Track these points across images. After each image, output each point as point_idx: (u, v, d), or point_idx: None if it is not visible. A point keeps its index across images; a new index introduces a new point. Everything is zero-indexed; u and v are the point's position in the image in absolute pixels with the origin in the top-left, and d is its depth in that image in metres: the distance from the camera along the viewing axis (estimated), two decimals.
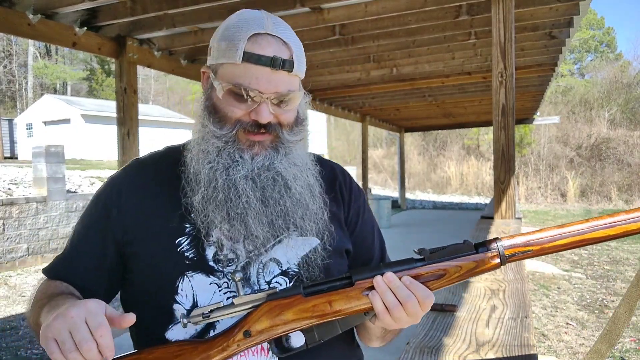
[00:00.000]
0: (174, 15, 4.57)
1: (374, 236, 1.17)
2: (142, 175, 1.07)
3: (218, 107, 0.97)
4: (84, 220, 1.08)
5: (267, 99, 0.94)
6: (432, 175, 26.67)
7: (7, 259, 8.38)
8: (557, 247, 0.90)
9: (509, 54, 3.54)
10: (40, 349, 4.92)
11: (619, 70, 31.43)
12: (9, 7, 4.02)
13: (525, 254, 0.90)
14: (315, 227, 1.01)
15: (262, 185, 0.96)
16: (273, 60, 0.92)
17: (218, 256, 0.97)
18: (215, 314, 0.87)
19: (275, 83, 0.94)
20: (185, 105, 40.61)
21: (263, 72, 0.92)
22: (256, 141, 0.97)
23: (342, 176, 1.17)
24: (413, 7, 4.43)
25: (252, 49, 0.92)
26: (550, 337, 4.92)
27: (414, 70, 7.42)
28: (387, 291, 0.88)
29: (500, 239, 0.91)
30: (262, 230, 0.95)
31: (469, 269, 0.91)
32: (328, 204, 1.05)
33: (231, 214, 0.94)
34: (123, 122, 5.12)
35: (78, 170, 14.39)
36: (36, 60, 34.30)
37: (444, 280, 0.91)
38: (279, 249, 0.99)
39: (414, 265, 0.91)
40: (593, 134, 24.92)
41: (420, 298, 0.88)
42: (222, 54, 0.96)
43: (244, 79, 0.93)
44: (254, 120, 0.95)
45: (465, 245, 0.92)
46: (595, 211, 17.18)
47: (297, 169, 1.01)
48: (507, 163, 3.57)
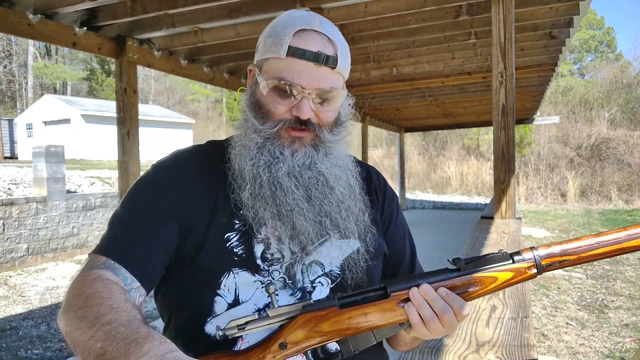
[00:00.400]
0: (174, 15, 4.57)
1: (405, 239, 1.17)
2: (192, 166, 1.05)
3: (261, 102, 0.98)
4: (138, 204, 1.00)
5: (309, 95, 0.94)
6: (432, 175, 26.66)
7: (7, 259, 8.38)
8: (594, 256, 0.89)
9: (509, 54, 3.54)
10: (41, 349, 4.92)
11: (619, 70, 31.43)
12: (9, 7, 4.02)
13: (562, 263, 0.89)
14: (357, 229, 1.01)
15: (305, 184, 0.96)
16: (317, 55, 0.92)
17: (265, 254, 0.97)
18: (250, 325, 0.87)
19: (318, 79, 0.94)
20: (185, 105, 40.63)
21: (306, 66, 0.93)
22: (297, 137, 0.97)
23: (377, 178, 1.19)
24: (413, 7, 4.43)
25: (297, 43, 0.93)
26: (550, 337, 4.92)
27: (414, 70, 7.42)
28: (423, 304, 0.87)
29: (536, 248, 0.90)
30: (311, 228, 0.95)
31: (506, 279, 0.89)
32: (369, 206, 1.05)
33: (281, 211, 0.95)
34: (123, 122, 5.12)
35: (78, 170, 14.39)
36: (36, 60, 34.30)
37: (480, 291, 0.90)
38: (322, 251, 0.99)
39: (449, 275, 0.90)
40: (593, 134, 24.91)
41: (457, 310, 0.87)
42: (267, 49, 0.97)
43: (287, 73, 0.93)
44: (295, 116, 0.95)
45: (502, 255, 0.90)
46: (595, 211, 17.18)
47: (338, 170, 1.01)
48: (507, 163, 3.57)
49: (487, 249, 2.49)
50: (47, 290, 7.28)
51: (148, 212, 0.98)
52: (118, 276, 0.90)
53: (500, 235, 3.01)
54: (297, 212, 0.94)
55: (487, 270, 0.90)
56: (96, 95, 35.46)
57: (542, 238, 11.03)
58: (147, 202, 1.00)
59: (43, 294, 7.05)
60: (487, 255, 0.91)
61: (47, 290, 7.24)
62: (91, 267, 0.91)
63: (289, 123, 0.96)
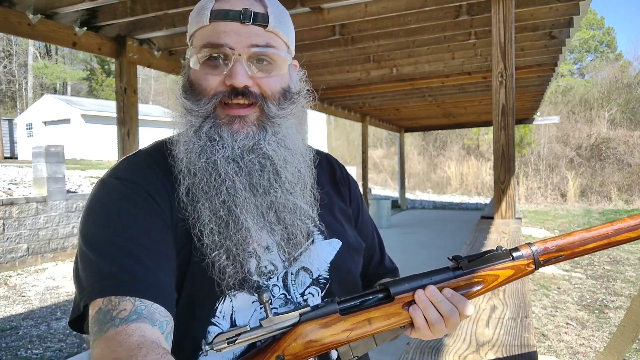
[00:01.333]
0: (174, 15, 4.57)
1: (372, 227, 1.13)
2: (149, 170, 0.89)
3: (193, 81, 0.87)
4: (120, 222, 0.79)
5: (240, 57, 0.83)
6: (432, 175, 26.66)
7: (7, 259, 8.38)
8: (586, 250, 0.91)
9: (509, 54, 3.54)
10: (41, 348, 4.92)
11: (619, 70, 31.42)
12: (9, 7, 4.02)
13: (557, 258, 0.90)
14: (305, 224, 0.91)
15: (248, 169, 0.83)
16: (242, 13, 0.82)
17: (260, 268, 0.86)
18: (241, 338, 0.77)
19: (248, 35, 0.83)
20: None
21: (232, 25, 0.83)
22: (236, 116, 0.84)
23: (340, 169, 1.10)
24: (413, 7, 4.43)
25: (219, 6, 0.84)
26: (550, 337, 4.92)
27: (414, 70, 7.42)
28: (429, 306, 0.84)
29: (533, 244, 0.90)
30: (252, 222, 0.83)
31: (507, 276, 0.90)
32: (334, 200, 1.00)
33: (215, 202, 0.81)
34: (123, 122, 5.12)
35: (78, 170, 14.39)
36: (36, 60, 34.30)
37: (482, 289, 0.89)
38: (307, 257, 0.91)
39: (453, 274, 0.88)
40: (593, 134, 24.91)
41: (462, 310, 0.85)
42: (192, 23, 0.89)
43: (212, 37, 0.83)
44: (230, 85, 0.83)
45: (501, 252, 0.90)
46: (595, 211, 17.18)
47: (286, 152, 0.88)
48: (507, 163, 3.57)
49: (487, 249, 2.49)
50: (47, 290, 7.28)
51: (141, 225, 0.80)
52: (155, 325, 0.73)
53: (500, 235, 3.01)
54: (236, 202, 0.82)
55: (488, 268, 0.89)
56: (96, 95, 35.46)
57: (542, 238, 11.02)
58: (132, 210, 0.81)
59: (43, 294, 7.05)
60: (487, 253, 0.91)
61: (47, 290, 7.25)
62: (119, 319, 0.71)
63: (222, 95, 0.83)
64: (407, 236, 10.68)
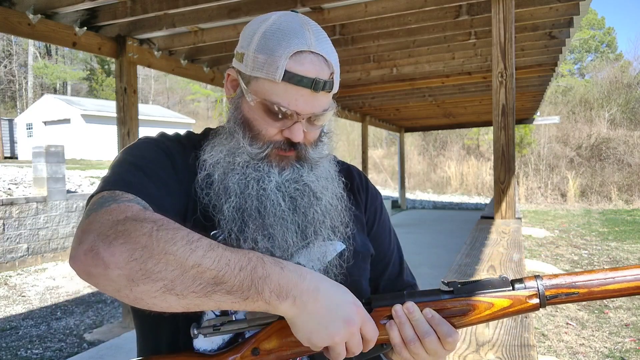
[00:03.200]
0: (174, 15, 4.57)
1: (390, 239, 1.14)
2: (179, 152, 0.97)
3: (251, 122, 0.93)
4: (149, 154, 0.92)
5: (303, 119, 0.90)
6: (432, 175, 26.66)
7: (7, 259, 8.38)
8: (608, 292, 0.79)
9: (509, 54, 3.54)
10: (41, 348, 4.92)
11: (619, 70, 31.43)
12: (9, 7, 4.02)
13: (569, 296, 0.80)
14: (339, 230, 0.97)
15: (291, 195, 0.92)
16: (315, 82, 0.87)
17: None
18: (225, 327, 0.81)
19: (313, 104, 0.90)
20: (185, 105, 40.64)
21: (303, 93, 0.88)
22: (284, 156, 0.94)
23: (359, 178, 1.14)
24: (413, 7, 4.43)
25: (294, 68, 0.86)
26: (550, 337, 4.93)
27: (414, 70, 7.43)
28: (405, 323, 0.81)
29: (541, 277, 0.82)
30: (291, 238, 0.90)
31: (502, 307, 0.81)
32: (353, 209, 1.02)
33: (264, 223, 0.89)
34: (123, 122, 5.12)
35: (78, 170, 14.39)
36: (36, 60, 34.31)
37: (472, 317, 0.82)
38: (305, 254, 0.93)
39: (440, 297, 0.83)
40: (593, 134, 24.92)
41: (442, 335, 0.80)
42: (258, 67, 0.89)
43: (282, 99, 0.88)
44: (286, 138, 0.91)
45: (500, 280, 0.83)
46: (595, 211, 17.18)
47: (325, 181, 0.97)
48: (507, 163, 3.57)
49: (487, 249, 2.49)
50: (47, 290, 7.29)
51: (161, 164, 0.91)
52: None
53: (500, 235, 3.00)
54: (280, 223, 0.90)
55: (482, 294, 0.82)
56: (96, 95, 35.47)
57: (542, 238, 11.04)
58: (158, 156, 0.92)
59: (43, 294, 7.05)
60: (484, 279, 0.84)
61: (47, 290, 7.25)
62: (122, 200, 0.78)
63: (279, 145, 0.92)
64: (407, 236, 10.68)
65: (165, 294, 0.69)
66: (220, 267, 0.70)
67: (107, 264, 0.68)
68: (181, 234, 0.71)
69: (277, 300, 0.72)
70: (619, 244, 9.99)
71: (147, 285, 0.68)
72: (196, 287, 0.69)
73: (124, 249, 0.68)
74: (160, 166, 0.90)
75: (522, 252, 2.48)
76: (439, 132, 27.86)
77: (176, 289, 0.69)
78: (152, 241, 0.69)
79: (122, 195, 0.80)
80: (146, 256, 0.68)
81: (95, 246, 0.69)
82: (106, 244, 0.69)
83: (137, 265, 0.68)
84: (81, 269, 0.71)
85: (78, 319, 5.88)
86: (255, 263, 0.73)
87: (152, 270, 0.68)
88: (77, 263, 0.71)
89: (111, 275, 0.68)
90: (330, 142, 1.02)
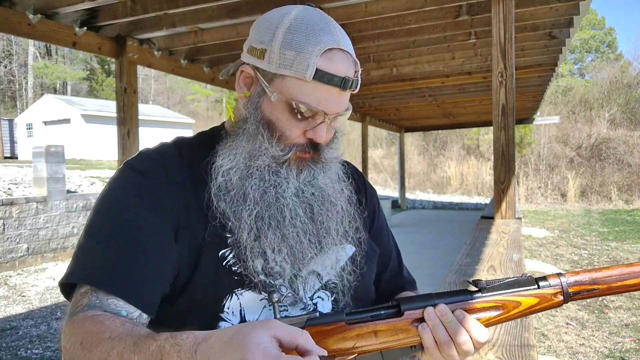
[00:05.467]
0: (174, 15, 4.57)
1: (389, 236, 1.14)
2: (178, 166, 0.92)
3: (274, 123, 0.88)
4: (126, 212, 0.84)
5: (328, 120, 0.88)
6: (432, 175, 26.67)
7: (7, 259, 8.38)
8: (626, 286, 0.83)
9: (509, 54, 3.54)
10: (41, 348, 4.92)
11: (619, 70, 31.43)
12: (9, 7, 4.02)
13: (590, 292, 0.83)
14: (350, 235, 0.96)
15: (309, 202, 0.91)
16: (344, 81, 0.85)
17: (266, 269, 0.88)
18: None
19: (339, 104, 0.88)
20: (185, 105, 40.64)
21: (332, 92, 0.85)
22: (303, 158, 0.92)
23: (357, 175, 1.12)
24: (413, 7, 4.43)
25: (326, 67, 0.84)
26: (550, 337, 4.93)
27: (414, 70, 7.43)
28: (438, 325, 0.81)
29: (564, 275, 0.84)
30: (307, 247, 0.89)
31: (529, 305, 0.83)
32: (364, 213, 1.02)
33: (285, 234, 0.87)
34: (123, 122, 5.12)
35: (78, 170, 14.39)
36: (36, 60, 34.31)
37: (501, 316, 0.83)
38: (318, 261, 0.92)
39: (469, 297, 0.84)
40: (593, 134, 24.92)
41: (474, 336, 0.81)
42: (286, 65, 0.84)
43: (312, 99, 0.85)
44: (309, 139, 0.89)
45: (526, 279, 0.85)
46: (595, 211, 17.18)
47: (339, 185, 0.96)
48: (507, 163, 3.57)
49: (487, 249, 2.49)
50: (47, 290, 7.28)
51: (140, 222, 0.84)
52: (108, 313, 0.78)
53: (500, 235, 3.00)
54: (299, 231, 0.88)
55: (509, 294, 0.84)
56: (96, 95, 35.47)
57: (542, 238, 11.03)
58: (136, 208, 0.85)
59: (43, 294, 7.05)
60: (510, 279, 0.86)
61: (47, 290, 7.25)
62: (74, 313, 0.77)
63: (302, 147, 0.89)
64: (407, 236, 10.68)
65: None
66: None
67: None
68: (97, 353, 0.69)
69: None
70: (619, 244, 9.99)
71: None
72: None
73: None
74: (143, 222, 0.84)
75: (522, 252, 2.48)
76: (439, 132, 27.86)
77: None
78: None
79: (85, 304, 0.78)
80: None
81: None
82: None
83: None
84: None
85: None
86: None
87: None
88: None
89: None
90: (342, 142, 1.00)
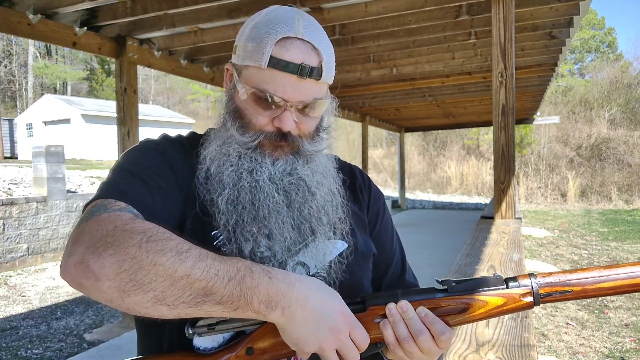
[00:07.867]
0: (174, 15, 4.57)
1: (392, 239, 1.14)
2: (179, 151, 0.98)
3: (242, 112, 0.93)
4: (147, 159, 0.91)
5: (291, 107, 0.89)
6: (432, 175, 26.67)
7: (7, 259, 8.38)
8: (602, 290, 0.80)
9: (509, 54, 3.54)
10: (41, 348, 4.92)
11: (619, 70, 31.43)
12: (9, 7, 4.02)
13: (563, 294, 0.80)
14: (339, 228, 0.97)
15: (286, 189, 0.92)
16: (301, 68, 0.86)
17: (255, 252, 0.89)
18: (220, 326, 0.80)
19: (301, 91, 0.89)
20: (185, 105, 40.64)
21: (289, 79, 0.87)
22: (278, 145, 0.93)
23: (362, 178, 1.13)
24: (413, 7, 4.43)
25: (279, 54, 0.86)
26: (550, 337, 4.93)
27: (414, 70, 7.43)
28: (399, 321, 0.81)
29: (535, 275, 0.82)
30: (288, 234, 0.90)
31: (496, 305, 0.81)
32: (351, 208, 1.02)
33: (259, 215, 0.89)
34: (123, 122, 5.12)
35: (78, 170, 14.39)
36: (36, 60, 34.31)
37: (466, 316, 0.82)
38: (306, 253, 0.93)
39: (434, 295, 0.83)
40: (593, 134, 24.92)
41: (435, 333, 0.80)
42: (248, 56, 0.90)
43: (269, 85, 0.88)
44: (277, 128, 0.91)
45: (495, 278, 0.83)
46: (595, 211, 17.18)
47: (320, 176, 0.97)
48: (507, 163, 3.57)
49: (487, 249, 2.49)
50: (47, 290, 7.29)
51: (159, 170, 0.90)
52: None
53: (500, 235, 3.01)
54: (275, 216, 0.89)
55: (476, 293, 0.82)
56: (96, 95, 35.47)
57: (542, 238, 11.04)
58: (156, 161, 0.91)
59: (43, 294, 7.06)
60: (478, 278, 0.84)
61: (47, 290, 7.25)
62: (113, 209, 0.78)
63: (269, 135, 0.91)
64: (407, 236, 10.67)
65: (156, 305, 0.70)
66: (209, 278, 0.70)
67: (98, 276, 0.68)
68: (171, 244, 0.71)
69: (266, 310, 0.73)
70: (619, 244, 9.99)
71: (138, 296, 0.69)
72: (186, 298, 0.69)
73: (113, 261, 0.68)
74: (157, 171, 0.90)
75: (522, 252, 2.48)
76: (439, 132, 27.86)
77: (167, 299, 0.69)
78: (141, 252, 0.69)
79: (114, 203, 0.79)
80: (135, 267, 0.68)
81: (86, 258, 0.69)
82: (96, 255, 0.69)
83: (127, 277, 0.68)
84: (72, 281, 0.72)
85: (78, 319, 5.88)
86: (244, 273, 0.72)
87: (142, 282, 0.68)
88: (68, 275, 0.71)
89: (102, 287, 0.69)
90: (330, 138, 1.01)
